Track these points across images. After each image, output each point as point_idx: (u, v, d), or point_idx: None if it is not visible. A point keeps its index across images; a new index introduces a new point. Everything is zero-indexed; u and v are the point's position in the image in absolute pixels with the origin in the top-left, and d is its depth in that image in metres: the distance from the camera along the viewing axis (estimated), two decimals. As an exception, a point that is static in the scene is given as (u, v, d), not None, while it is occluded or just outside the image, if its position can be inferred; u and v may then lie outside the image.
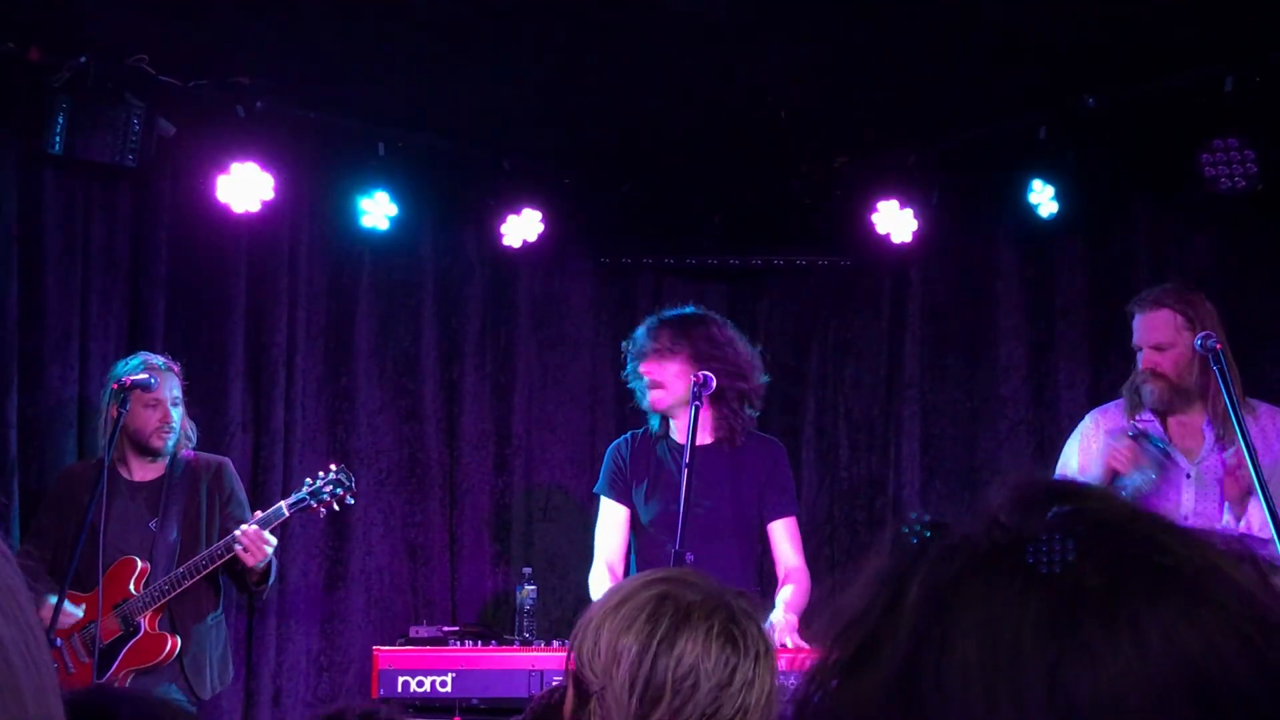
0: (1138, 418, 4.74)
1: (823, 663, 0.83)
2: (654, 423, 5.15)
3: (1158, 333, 4.65)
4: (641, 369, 5.04)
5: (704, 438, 4.99)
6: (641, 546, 5.09)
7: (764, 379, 5.16)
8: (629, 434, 5.25)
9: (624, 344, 5.20)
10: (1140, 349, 4.72)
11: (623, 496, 5.12)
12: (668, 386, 4.98)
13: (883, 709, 0.78)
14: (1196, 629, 0.75)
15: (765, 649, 2.11)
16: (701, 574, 2.22)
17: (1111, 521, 0.82)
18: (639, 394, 5.10)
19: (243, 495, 5.60)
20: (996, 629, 0.76)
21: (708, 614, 2.08)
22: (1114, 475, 4.54)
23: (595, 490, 5.25)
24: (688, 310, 5.14)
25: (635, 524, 5.13)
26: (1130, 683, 0.74)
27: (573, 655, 2.15)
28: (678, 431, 5.06)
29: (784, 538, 5.04)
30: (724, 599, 2.13)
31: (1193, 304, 4.66)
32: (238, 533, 5.13)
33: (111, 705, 1.34)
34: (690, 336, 4.98)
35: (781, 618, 4.73)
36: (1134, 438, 4.60)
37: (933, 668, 0.76)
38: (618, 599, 2.13)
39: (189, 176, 6.14)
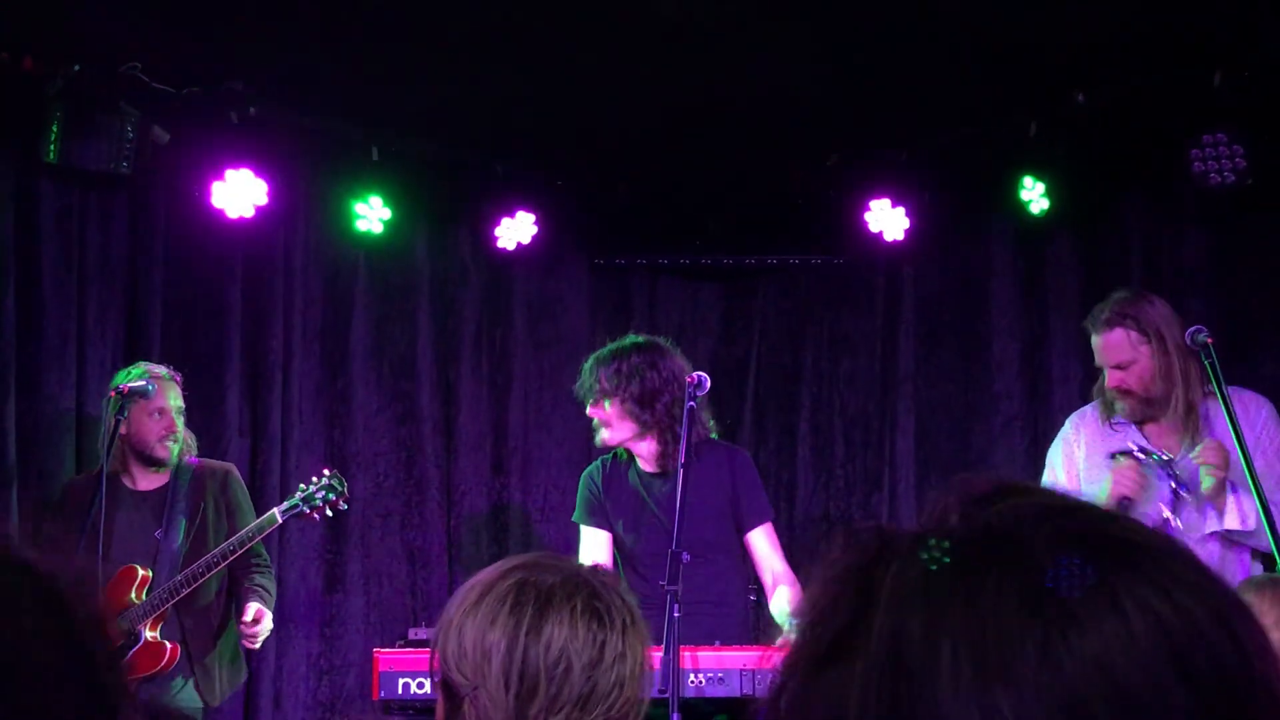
0: (1114, 421, 4.76)
1: (794, 656, 0.86)
2: (623, 451, 5.14)
3: (1117, 353, 4.66)
4: (588, 411, 5.07)
5: (652, 466, 5.06)
6: (628, 574, 5.10)
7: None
8: (599, 461, 5.25)
9: (576, 386, 5.16)
10: (1104, 368, 4.74)
11: (602, 522, 5.13)
12: (613, 426, 5.01)
13: (862, 700, 0.80)
14: (1171, 601, 0.80)
15: (632, 619, 2.07)
16: (556, 555, 2.17)
17: (1064, 508, 0.86)
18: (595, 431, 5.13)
19: (247, 503, 5.61)
20: (980, 614, 0.79)
21: (569, 594, 2.02)
22: (1122, 501, 4.49)
23: (574, 519, 5.25)
24: (624, 343, 5.07)
25: (620, 551, 5.14)
26: (1117, 650, 0.78)
27: (436, 659, 2.07)
28: (643, 461, 5.09)
29: (765, 545, 5.05)
30: (582, 576, 2.08)
31: (1143, 312, 4.64)
32: (244, 621, 5.28)
33: None
34: (621, 374, 4.96)
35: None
36: (1131, 455, 4.61)
37: (917, 656, 0.79)
38: (475, 594, 2.06)
39: (184, 183, 6.15)
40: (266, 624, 5.34)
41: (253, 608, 5.31)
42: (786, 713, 0.85)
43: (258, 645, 5.40)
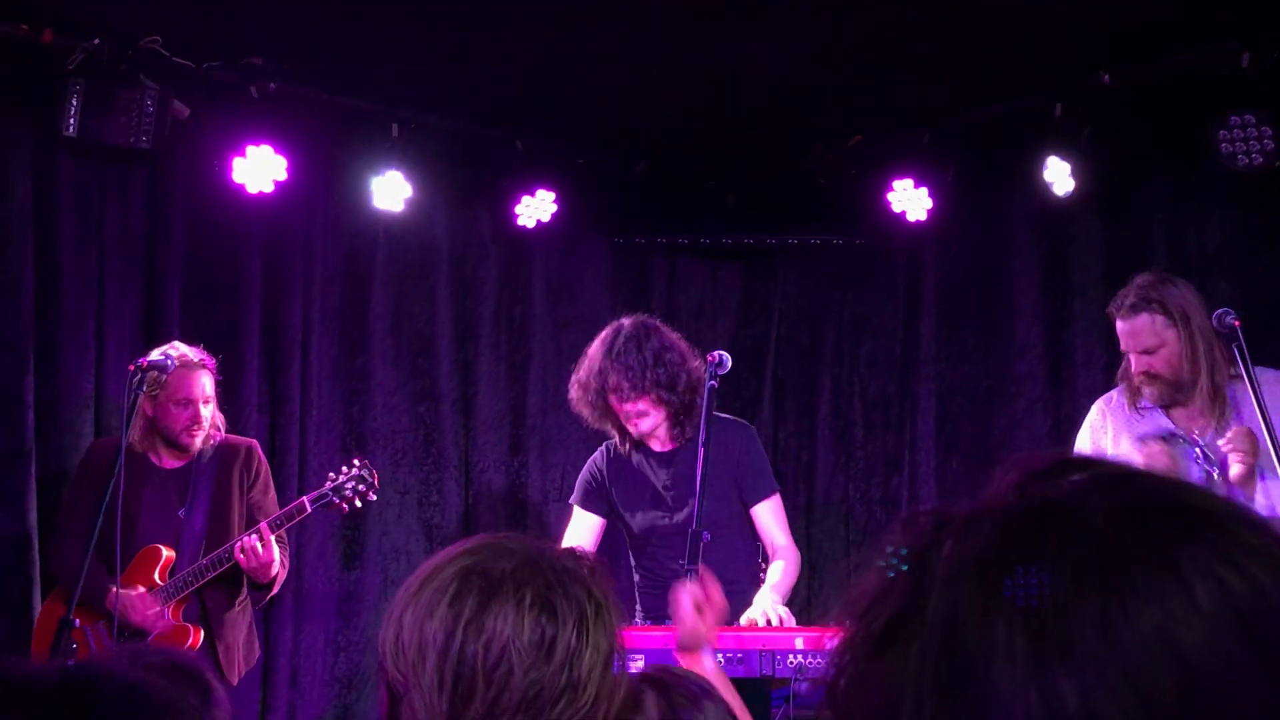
0: (1141, 405, 4.72)
1: (847, 642, 0.83)
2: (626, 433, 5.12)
3: (1143, 338, 4.61)
4: (628, 407, 4.96)
5: (666, 445, 5.04)
6: (638, 556, 5.13)
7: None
8: (603, 446, 5.24)
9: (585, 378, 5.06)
10: (1128, 353, 4.70)
11: (597, 508, 5.16)
12: (650, 415, 4.97)
13: (918, 683, 0.78)
14: (1239, 570, 0.76)
15: (596, 610, 1.82)
16: (522, 538, 1.90)
17: (1126, 476, 0.83)
18: (619, 430, 5.06)
19: (268, 479, 5.59)
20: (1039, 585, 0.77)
21: (519, 584, 1.78)
22: None
23: (570, 501, 5.26)
24: (634, 332, 5.00)
25: (629, 535, 5.16)
26: (1181, 622, 0.75)
27: (383, 652, 1.84)
28: (650, 441, 5.07)
29: (769, 519, 5.05)
30: (541, 562, 1.83)
31: (1169, 296, 4.59)
32: (238, 542, 5.18)
33: (94, 680, 1.32)
34: (646, 365, 4.90)
35: (766, 594, 4.74)
36: (1166, 440, 4.58)
37: (973, 636, 0.76)
38: (420, 581, 1.83)
39: (203, 158, 6.14)
40: (269, 563, 5.22)
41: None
42: (844, 697, 0.83)
43: (260, 579, 5.26)
